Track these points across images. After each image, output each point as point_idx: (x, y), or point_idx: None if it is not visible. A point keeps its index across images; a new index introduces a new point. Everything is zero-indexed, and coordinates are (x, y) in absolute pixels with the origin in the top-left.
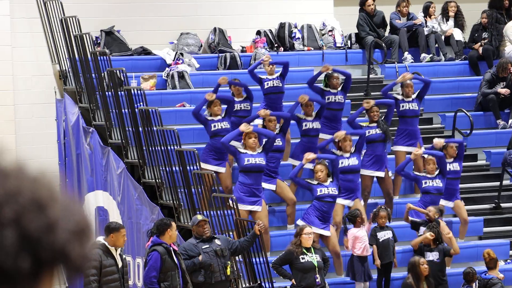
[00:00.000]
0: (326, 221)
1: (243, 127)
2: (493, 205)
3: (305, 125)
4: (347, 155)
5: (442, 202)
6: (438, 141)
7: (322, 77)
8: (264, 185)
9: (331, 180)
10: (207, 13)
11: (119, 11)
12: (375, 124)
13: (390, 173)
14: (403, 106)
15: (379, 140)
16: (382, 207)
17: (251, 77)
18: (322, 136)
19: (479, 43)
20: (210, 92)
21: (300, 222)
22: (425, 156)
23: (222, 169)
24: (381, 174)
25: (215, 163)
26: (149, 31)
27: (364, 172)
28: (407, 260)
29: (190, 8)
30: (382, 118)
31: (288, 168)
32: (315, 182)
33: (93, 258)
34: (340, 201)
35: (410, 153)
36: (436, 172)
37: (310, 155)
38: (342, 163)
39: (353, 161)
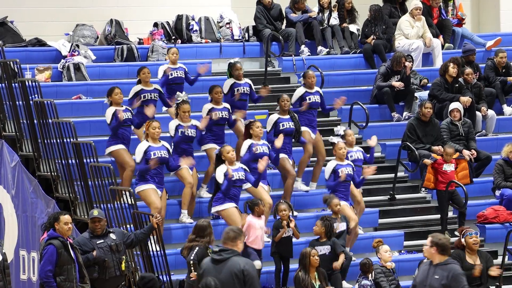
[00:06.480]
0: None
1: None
2: (388, 196)
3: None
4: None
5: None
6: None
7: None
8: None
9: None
10: (103, 4)
11: (12, 1)
12: (288, 116)
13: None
14: (309, 99)
15: (290, 134)
16: (282, 201)
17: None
18: None
19: (371, 37)
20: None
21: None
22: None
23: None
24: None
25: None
26: (44, 22)
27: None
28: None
29: None
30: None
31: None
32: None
33: None
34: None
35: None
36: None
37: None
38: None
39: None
